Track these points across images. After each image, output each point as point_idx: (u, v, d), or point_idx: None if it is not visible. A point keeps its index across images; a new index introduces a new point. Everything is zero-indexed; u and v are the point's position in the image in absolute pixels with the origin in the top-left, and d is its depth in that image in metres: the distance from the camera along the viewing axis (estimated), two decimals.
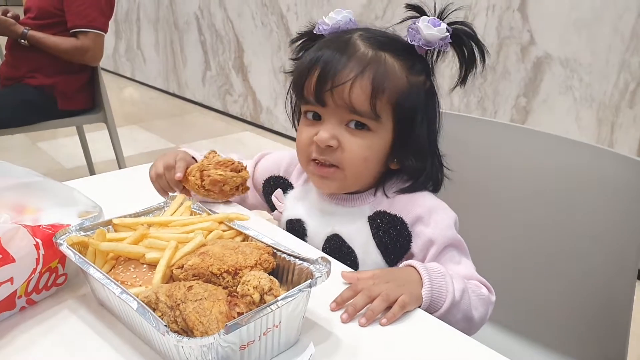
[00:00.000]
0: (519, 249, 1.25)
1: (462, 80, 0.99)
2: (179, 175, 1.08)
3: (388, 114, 0.97)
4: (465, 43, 0.97)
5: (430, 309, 0.88)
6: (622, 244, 1.09)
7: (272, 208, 1.19)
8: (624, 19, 2.28)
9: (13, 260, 0.76)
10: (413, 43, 0.97)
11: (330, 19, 1.03)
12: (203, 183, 1.01)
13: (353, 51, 0.96)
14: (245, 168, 1.07)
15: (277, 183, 1.17)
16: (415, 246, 1.01)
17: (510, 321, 1.27)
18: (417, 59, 0.99)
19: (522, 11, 2.61)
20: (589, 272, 1.15)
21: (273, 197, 1.16)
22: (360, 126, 0.97)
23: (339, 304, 0.85)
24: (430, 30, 0.94)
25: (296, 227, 1.11)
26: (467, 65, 0.98)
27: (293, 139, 1.05)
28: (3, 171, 0.93)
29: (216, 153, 1.08)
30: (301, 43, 1.09)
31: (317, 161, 1.01)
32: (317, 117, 1.00)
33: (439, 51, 0.99)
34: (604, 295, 1.13)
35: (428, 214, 1.00)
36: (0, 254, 0.75)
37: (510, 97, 2.75)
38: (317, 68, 0.97)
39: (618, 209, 1.09)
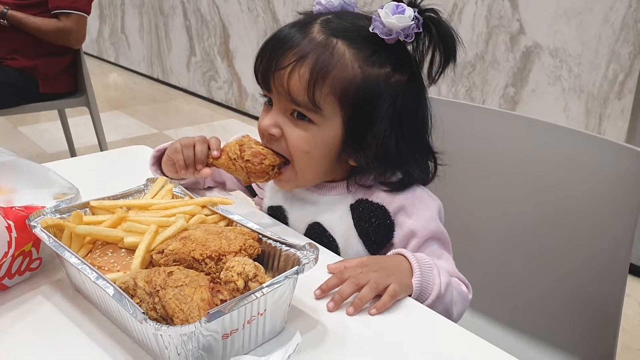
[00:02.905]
0: (508, 238, 1.23)
1: (433, 74, 0.92)
2: (215, 153, 0.99)
3: (333, 106, 0.92)
4: (432, 33, 0.90)
5: (417, 300, 0.85)
6: (613, 232, 1.08)
7: (252, 193, 1.16)
8: (614, 10, 2.26)
9: None
10: (375, 31, 0.89)
11: (325, 0, 0.98)
12: (243, 154, 0.96)
13: (304, 35, 0.92)
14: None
15: None
16: (397, 237, 0.98)
17: (499, 312, 1.26)
18: (382, 49, 0.91)
19: (511, 0, 2.58)
20: (580, 262, 1.13)
21: (254, 184, 1.13)
22: (302, 117, 0.93)
23: (324, 291, 0.82)
24: (389, 18, 0.87)
25: (277, 215, 1.08)
26: (440, 59, 0.91)
27: None
28: None
29: (251, 137, 1.03)
30: None
31: None
32: (271, 102, 0.97)
33: (421, 41, 0.92)
34: (595, 285, 1.12)
35: (411, 204, 0.97)
36: None
37: (498, 87, 2.74)
38: (268, 49, 0.94)
39: (608, 196, 1.08)
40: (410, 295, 0.84)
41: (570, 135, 1.12)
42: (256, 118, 4.37)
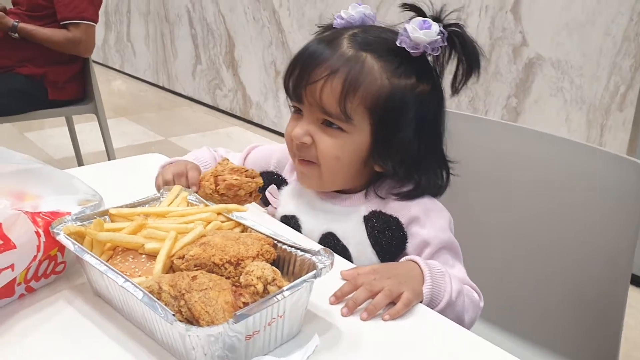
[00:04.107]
0: (510, 248, 1.25)
1: (456, 86, 0.98)
2: (193, 189, 1.03)
3: (363, 116, 0.96)
4: (456, 47, 0.95)
5: (428, 307, 0.88)
6: (614, 244, 1.09)
7: (265, 203, 1.18)
8: (616, 22, 2.29)
9: (14, 247, 0.75)
10: (402, 45, 0.94)
11: (346, 13, 1.02)
12: (217, 188, 1.01)
13: (334, 50, 0.96)
14: (259, 175, 1.06)
15: (270, 179, 1.17)
16: (410, 247, 1.00)
17: (503, 319, 1.28)
18: (407, 61, 0.96)
19: (515, 12, 2.62)
20: (582, 272, 1.15)
21: (267, 193, 1.15)
22: (331, 124, 0.98)
23: (338, 297, 0.84)
24: (416, 33, 0.92)
25: (291, 224, 1.10)
26: (464, 71, 0.96)
27: (282, 134, 1.07)
28: (2, 157, 0.92)
29: (229, 161, 1.08)
30: None
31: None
32: (300, 112, 1.01)
33: (444, 53, 0.97)
34: (597, 295, 1.13)
35: (424, 215, 1.00)
36: (1, 240, 0.74)
37: (501, 98, 2.77)
38: (299, 63, 0.99)
39: (610, 208, 1.10)
40: (421, 302, 0.87)
41: (572, 147, 1.14)
42: (260, 126, 4.39)
